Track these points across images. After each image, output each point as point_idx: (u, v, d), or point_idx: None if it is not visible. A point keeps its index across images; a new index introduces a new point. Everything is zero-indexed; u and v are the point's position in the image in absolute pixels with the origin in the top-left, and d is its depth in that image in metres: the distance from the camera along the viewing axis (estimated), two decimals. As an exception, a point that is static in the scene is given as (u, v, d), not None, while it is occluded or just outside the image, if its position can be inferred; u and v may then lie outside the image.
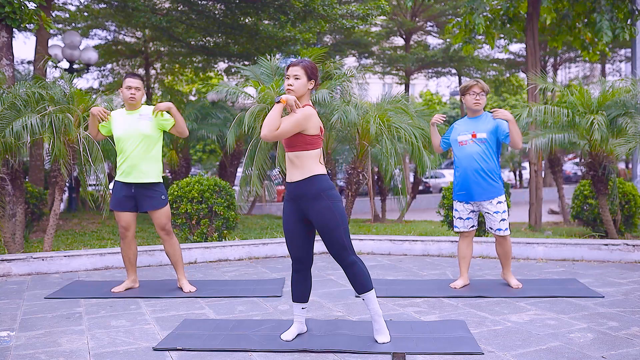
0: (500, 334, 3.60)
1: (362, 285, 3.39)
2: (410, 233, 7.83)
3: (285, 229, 3.49)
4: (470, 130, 4.79)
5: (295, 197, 3.40)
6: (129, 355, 3.31)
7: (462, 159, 4.78)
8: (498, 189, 4.73)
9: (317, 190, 3.34)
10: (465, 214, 4.86)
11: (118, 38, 18.45)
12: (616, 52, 24.15)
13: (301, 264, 3.49)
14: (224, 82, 16.92)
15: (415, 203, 15.11)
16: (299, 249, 3.47)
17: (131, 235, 4.84)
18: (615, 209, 7.56)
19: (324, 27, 12.69)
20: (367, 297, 3.42)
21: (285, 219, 3.48)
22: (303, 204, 3.38)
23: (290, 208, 3.45)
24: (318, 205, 3.33)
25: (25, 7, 7.19)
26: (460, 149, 4.81)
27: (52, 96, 6.29)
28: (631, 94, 6.97)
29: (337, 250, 3.37)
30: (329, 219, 3.32)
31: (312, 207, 3.35)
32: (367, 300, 3.43)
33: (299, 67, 3.36)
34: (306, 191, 3.35)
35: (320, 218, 3.33)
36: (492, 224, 4.77)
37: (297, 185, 3.37)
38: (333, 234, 3.33)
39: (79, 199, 13.01)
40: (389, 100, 7.88)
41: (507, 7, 10.53)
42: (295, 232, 3.45)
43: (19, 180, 6.58)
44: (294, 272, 3.53)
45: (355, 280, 3.40)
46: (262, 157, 7.28)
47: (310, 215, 3.37)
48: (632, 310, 4.11)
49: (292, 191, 3.41)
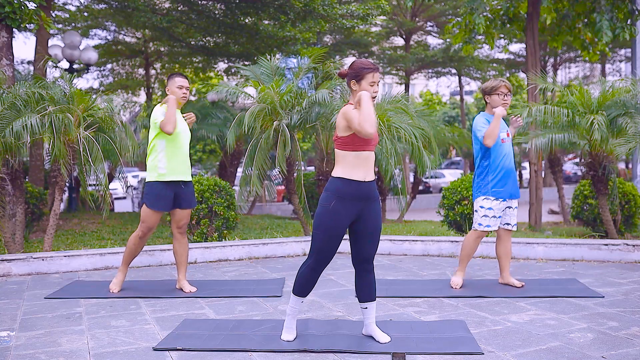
0: (500, 334, 3.61)
1: (375, 292, 3.47)
2: (410, 233, 7.83)
3: (338, 228, 3.32)
4: (504, 129, 4.85)
5: (365, 197, 3.35)
6: (129, 355, 3.31)
7: (504, 155, 4.77)
8: None
9: (377, 192, 3.44)
10: (500, 211, 4.80)
11: (118, 38, 18.46)
12: (616, 52, 24.16)
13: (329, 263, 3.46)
14: (224, 82, 16.93)
15: (415, 203, 15.12)
16: (338, 247, 3.43)
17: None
18: (615, 209, 7.56)
19: (324, 27, 12.69)
20: (372, 306, 3.48)
21: (342, 217, 3.32)
22: (367, 204, 3.37)
23: (350, 207, 3.32)
24: (378, 206, 3.42)
25: (25, 7, 7.19)
26: (502, 146, 4.78)
27: (52, 96, 6.28)
28: (631, 94, 6.97)
29: (374, 252, 3.46)
30: (380, 221, 3.44)
31: (374, 208, 3.40)
32: (370, 308, 3.46)
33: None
34: (374, 192, 3.40)
35: (378, 219, 3.41)
36: (511, 219, 4.88)
37: (370, 185, 3.37)
38: (379, 236, 3.44)
39: (79, 199, 13.00)
40: (389, 100, 7.88)
41: (507, 7, 10.53)
42: (344, 231, 3.37)
43: (19, 180, 6.58)
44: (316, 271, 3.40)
45: (372, 287, 3.46)
46: (262, 157, 7.27)
47: (369, 216, 3.38)
48: (632, 310, 4.11)
49: (364, 190, 3.33)
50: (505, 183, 4.77)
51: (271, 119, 7.04)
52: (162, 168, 4.67)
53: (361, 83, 3.33)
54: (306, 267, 3.41)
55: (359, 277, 3.46)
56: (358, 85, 3.34)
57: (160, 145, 4.68)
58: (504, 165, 4.76)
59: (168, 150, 4.69)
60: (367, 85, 3.32)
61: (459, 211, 7.67)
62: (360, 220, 3.37)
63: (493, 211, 4.77)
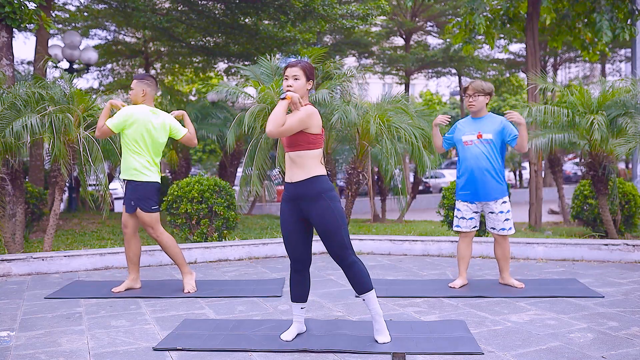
0: (500, 334, 3.61)
1: (362, 285, 3.39)
2: (410, 233, 7.83)
3: (284, 230, 3.47)
4: (475, 130, 4.81)
5: (295, 197, 3.39)
6: (129, 355, 3.31)
7: (468, 159, 4.79)
8: (503, 190, 4.77)
9: (318, 191, 3.33)
10: (469, 214, 4.86)
11: (118, 38, 18.45)
12: (616, 52, 24.15)
13: (300, 264, 3.49)
14: (224, 82, 16.93)
15: (415, 203, 15.11)
16: (298, 249, 3.46)
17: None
18: (615, 209, 7.56)
19: (324, 27, 12.70)
20: (368, 297, 3.41)
21: (284, 219, 3.46)
22: (303, 204, 3.37)
23: (289, 208, 3.44)
24: (319, 206, 3.33)
25: (25, 7, 7.19)
26: (466, 149, 4.81)
27: (52, 96, 6.28)
28: (631, 94, 6.97)
29: (337, 251, 3.37)
30: (330, 220, 3.32)
31: (313, 208, 3.34)
32: (367, 300, 3.42)
33: (298, 67, 3.37)
34: (307, 192, 3.34)
35: (321, 219, 3.33)
36: (495, 224, 4.79)
37: (298, 186, 3.36)
38: (333, 234, 3.33)
39: (79, 199, 13.01)
40: (389, 100, 7.88)
41: (507, 7, 10.53)
42: (294, 232, 3.44)
43: (19, 180, 6.58)
44: (293, 272, 3.53)
45: (355, 281, 3.40)
46: (262, 157, 7.28)
47: (311, 216, 3.36)
48: (632, 310, 4.11)
49: (292, 191, 3.40)
50: (470, 186, 4.79)
51: (271, 119, 7.03)
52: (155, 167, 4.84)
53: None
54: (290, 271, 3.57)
55: (344, 273, 3.47)
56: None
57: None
58: (467, 168, 4.78)
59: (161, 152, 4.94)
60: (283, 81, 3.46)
61: (459, 211, 7.66)
62: (309, 221, 3.42)
63: (461, 212, 4.89)
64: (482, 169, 4.72)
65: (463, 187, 4.85)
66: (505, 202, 4.78)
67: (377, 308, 3.43)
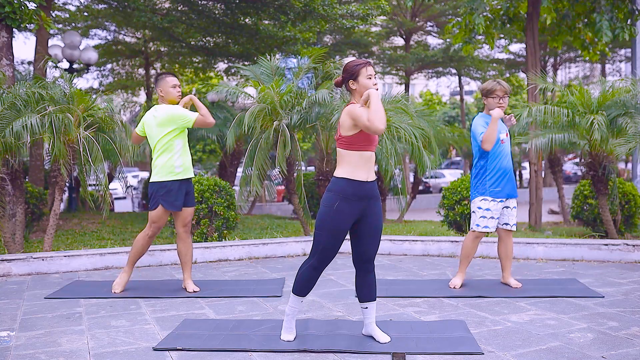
0: (500, 334, 3.61)
1: (375, 292, 3.48)
2: (410, 233, 7.83)
3: (343, 228, 3.33)
4: (504, 129, 4.86)
5: (366, 196, 3.34)
6: (129, 355, 3.31)
7: (503, 156, 4.79)
8: None
9: (378, 192, 3.43)
10: (498, 212, 4.81)
11: (118, 38, 18.46)
12: (616, 52, 24.15)
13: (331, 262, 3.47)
14: (224, 82, 16.94)
15: (415, 203, 15.12)
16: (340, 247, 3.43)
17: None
18: (615, 209, 7.55)
19: (324, 27, 12.70)
20: (372, 306, 3.48)
21: (346, 217, 3.31)
22: (370, 203, 3.37)
23: (353, 207, 3.32)
24: (380, 206, 3.42)
25: (25, 7, 7.19)
26: (501, 146, 4.80)
27: (52, 96, 6.28)
28: (631, 94, 6.96)
29: (375, 253, 3.45)
30: (382, 220, 3.44)
31: (375, 207, 3.39)
32: (370, 309, 3.47)
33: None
34: (375, 191, 3.40)
35: (379, 219, 3.41)
36: (510, 219, 4.88)
37: (372, 185, 3.37)
38: (380, 235, 3.44)
39: (79, 199, 13.01)
40: (389, 100, 7.87)
41: (507, 7, 10.53)
42: (346, 231, 3.38)
43: (19, 180, 6.58)
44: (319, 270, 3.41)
45: (372, 288, 3.46)
46: (262, 157, 7.27)
47: (372, 215, 3.37)
48: (632, 310, 4.11)
49: (366, 190, 3.33)
50: (503, 183, 4.78)
51: (271, 119, 7.04)
52: (179, 167, 4.72)
53: (359, 80, 3.35)
54: (308, 267, 3.41)
55: (360, 277, 3.46)
56: (357, 83, 3.36)
57: (178, 145, 4.73)
58: (502, 165, 4.77)
59: (184, 149, 4.78)
60: (365, 80, 3.33)
61: (459, 211, 7.67)
62: (363, 220, 3.37)
63: (491, 212, 4.77)
64: (509, 167, 4.83)
65: (496, 184, 4.76)
66: None
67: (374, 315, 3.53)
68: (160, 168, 4.69)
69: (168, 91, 4.77)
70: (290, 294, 3.50)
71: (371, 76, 3.34)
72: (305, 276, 3.41)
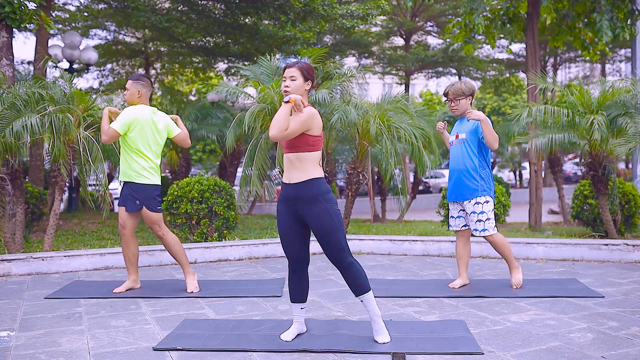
0: (500, 334, 3.61)
1: (360, 286, 3.40)
2: (410, 233, 7.83)
3: (281, 231, 3.46)
4: (455, 131, 4.92)
5: (292, 198, 3.39)
6: (129, 355, 3.31)
7: (450, 158, 4.92)
8: (475, 190, 4.69)
9: (315, 194, 3.33)
10: (456, 212, 4.91)
11: (118, 38, 18.46)
12: (616, 52, 24.14)
13: (298, 264, 3.49)
14: (224, 82, 16.94)
15: (415, 203, 15.12)
16: (295, 249, 3.46)
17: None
18: (615, 209, 7.55)
19: (324, 27, 12.69)
20: (366, 299, 3.42)
21: (281, 220, 3.46)
22: (300, 206, 3.37)
23: (285, 209, 3.44)
24: (315, 208, 3.33)
25: (25, 7, 7.19)
26: (450, 149, 4.94)
27: (52, 96, 6.29)
28: (631, 94, 6.96)
29: (334, 253, 3.37)
30: (326, 222, 3.32)
31: (310, 210, 3.34)
32: (365, 301, 3.43)
33: (295, 68, 3.37)
34: (304, 194, 3.34)
35: (318, 221, 3.33)
36: (470, 224, 4.80)
37: (295, 187, 3.37)
38: (330, 236, 3.33)
39: (79, 199, 13.01)
40: (389, 100, 7.88)
41: (507, 7, 10.53)
42: (291, 233, 3.44)
43: (19, 180, 6.58)
44: (291, 273, 3.53)
45: (353, 282, 3.41)
46: (262, 157, 7.27)
47: (307, 218, 3.36)
48: (632, 310, 4.11)
49: (289, 193, 3.40)
50: (450, 186, 4.89)
51: (271, 119, 7.03)
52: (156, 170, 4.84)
53: None
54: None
55: (343, 275, 3.46)
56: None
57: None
58: (451, 167, 4.89)
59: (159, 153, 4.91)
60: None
61: (459, 211, 7.66)
62: (306, 223, 3.42)
63: (450, 211, 4.99)
64: (457, 169, 4.79)
65: (448, 186, 4.98)
66: (479, 203, 4.68)
67: (375, 309, 3.44)
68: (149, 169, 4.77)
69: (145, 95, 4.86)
70: None
71: (285, 78, 3.41)
72: (289, 280, 3.57)
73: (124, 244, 4.85)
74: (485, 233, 4.71)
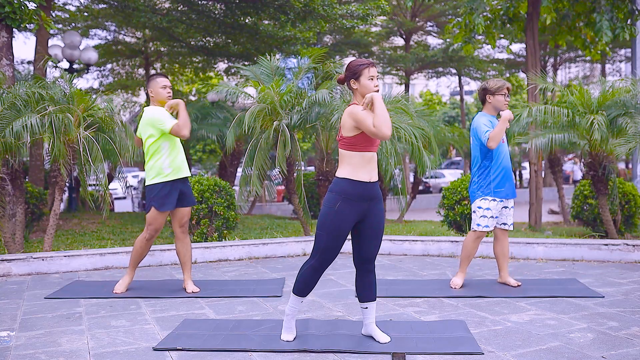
0: (500, 334, 3.61)
1: (375, 292, 3.48)
2: (410, 233, 7.83)
3: (345, 228, 3.34)
4: None
5: (370, 197, 3.35)
6: (129, 355, 3.31)
7: (503, 155, 4.81)
8: None
9: (381, 193, 3.44)
10: (498, 211, 4.82)
11: (118, 38, 18.46)
12: (616, 52, 24.14)
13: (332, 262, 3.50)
14: (224, 82, 16.92)
15: (415, 203, 15.11)
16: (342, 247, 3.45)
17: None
18: (615, 209, 7.55)
19: (324, 27, 12.69)
20: (372, 306, 3.48)
21: (347, 218, 3.31)
22: (372, 204, 3.37)
23: (354, 209, 3.32)
24: (381, 206, 3.42)
25: (25, 7, 7.19)
26: (501, 146, 4.81)
27: (52, 96, 6.28)
28: (631, 94, 6.96)
29: (376, 252, 3.46)
30: (384, 220, 3.44)
31: (377, 208, 3.40)
32: (370, 308, 3.47)
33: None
34: (378, 192, 3.40)
35: (381, 219, 3.42)
36: (507, 219, 4.88)
37: (375, 186, 3.38)
38: (382, 235, 3.46)
39: (79, 199, 13.00)
40: (389, 100, 7.87)
41: (507, 7, 10.53)
42: (348, 232, 3.40)
43: (19, 180, 6.58)
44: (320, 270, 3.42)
45: (372, 287, 3.46)
46: (262, 157, 7.27)
47: (373, 216, 3.38)
48: (632, 310, 4.11)
49: (369, 191, 3.34)
50: (505, 183, 4.79)
51: (271, 119, 7.04)
52: (167, 168, 4.70)
53: (360, 80, 3.34)
54: (308, 267, 3.41)
55: (361, 277, 3.46)
56: (358, 83, 3.35)
57: (165, 147, 4.70)
58: (504, 165, 4.79)
59: (171, 150, 4.73)
60: (366, 81, 3.32)
61: (459, 211, 7.67)
62: (365, 221, 3.38)
63: (491, 211, 4.77)
64: (510, 166, 4.87)
65: (499, 184, 4.77)
66: None
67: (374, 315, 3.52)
68: (149, 171, 4.72)
69: (158, 92, 4.76)
70: (291, 294, 3.50)
71: (373, 77, 3.33)
72: (306, 277, 3.42)
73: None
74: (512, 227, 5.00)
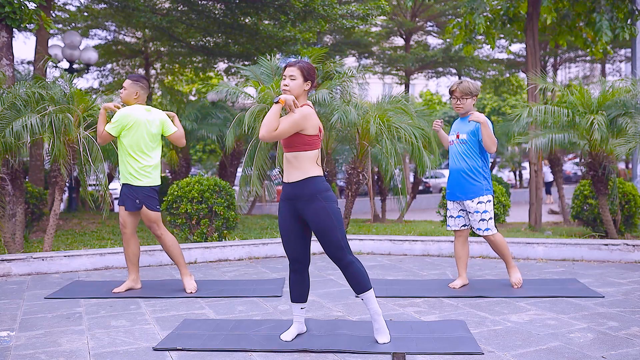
0: (500, 334, 3.61)
1: (360, 285, 3.40)
2: (410, 233, 7.83)
3: (282, 229, 3.49)
4: (456, 130, 4.91)
5: (292, 197, 3.41)
6: (129, 355, 3.31)
7: (450, 158, 4.92)
8: (479, 189, 4.72)
9: (313, 192, 3.35)
10: (455, 212, 4.91)
11: (118, 38, 18.45)
12: (616, 52, 24.13)
13: (299, 263, 3.50)
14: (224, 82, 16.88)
15: (415, 203, 15.12)
16: (296, 249, 3.48)
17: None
18: (615, 209, 7.55)
19: (324, 27, 12.69)
20: (366, 297, 3.42)
21: (282, 218, 3.48)
22: (299, 204, 3.39)
23: (286, 208, 3.46)
24: (314, 206, 3.35)
25: (25, 7, 7.19)
26: (450, 149, 4.94)
27: (52, 96, 6.28)
28: (631, 94, 6.96)
29: (333, 251, 3.38)
30: (325, 220, 3.33)
31: (308, 208, 3.36)
32: (366, 300, 3.43)
33: (295, 67, 3.39)
34: (302, 192, 3.36)
35: (317, 219, 3.34)
36: (472, 223, 4.81)
37: (294, 186, 3.39)
38: (329, 235, 3.34)
39: (79, 199, 13.01)
40: (389, 100, 7.88)
41: (507, 7, 10.52)
42: (292, 232, 3.46)
43: (19, 180, 6.58)
44: (292, 272, 3.53)
45: (353, 281, 3.41)
46: (262, 157, 7.27)
47: (307, 217, 3.38)
48: (632, 310, 4.11)
49: (288, 191, 3.43)
50: (450, 185, 4.90)
51: (271, 119, 7.03)
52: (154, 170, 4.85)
53: None
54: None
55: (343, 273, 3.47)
56: None
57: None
58: (451, 167, 4.90)
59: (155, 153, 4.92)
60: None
61: (459, 211, 7.65)
62: (306, 222, 3.43)
63: (449, 211, 4.96)
64: (458, 168, 4.80)
65: (447, 185, 4.97)
66: (482, 202, 4.72)
67: (376, 307, 3.43)
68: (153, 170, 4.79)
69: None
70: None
71: (285, 77, 3.42)
72: (289, 280, 3.57)
73: (125, 243, 4.85)
74: (487, 232, 4.74)
